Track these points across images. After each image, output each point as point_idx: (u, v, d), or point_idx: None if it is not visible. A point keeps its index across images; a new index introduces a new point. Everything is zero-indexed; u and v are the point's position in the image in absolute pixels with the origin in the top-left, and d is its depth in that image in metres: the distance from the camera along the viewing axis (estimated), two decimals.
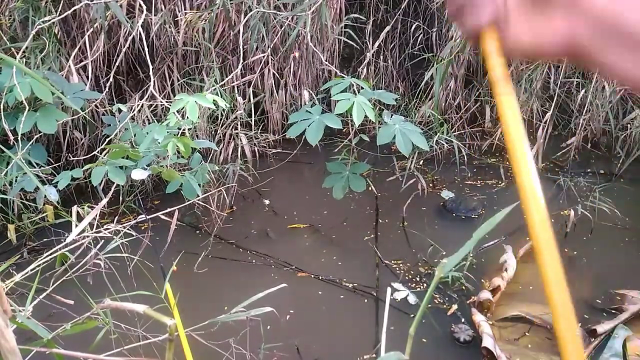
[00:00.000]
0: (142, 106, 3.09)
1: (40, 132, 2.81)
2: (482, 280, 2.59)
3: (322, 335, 2.36)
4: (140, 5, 3.14)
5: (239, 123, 3.55)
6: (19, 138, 2.50)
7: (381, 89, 4.31)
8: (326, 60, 3.77)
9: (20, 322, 0.88)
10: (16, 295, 1.75)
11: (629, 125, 3.78)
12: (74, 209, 1.80)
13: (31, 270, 1.33)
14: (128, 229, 1.82)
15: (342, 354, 2.25)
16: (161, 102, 3.02)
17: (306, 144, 3.97)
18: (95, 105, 3.40)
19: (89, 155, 2.91)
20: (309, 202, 3.51)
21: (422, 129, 3.30)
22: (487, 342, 2.10)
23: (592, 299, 2.49)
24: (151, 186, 3.40)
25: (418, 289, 2.58)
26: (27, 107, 2.68)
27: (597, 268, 2.73)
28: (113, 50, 3.58)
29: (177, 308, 1.63)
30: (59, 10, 3.09)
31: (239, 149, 3.42)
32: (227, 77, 3.47)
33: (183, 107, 2.38)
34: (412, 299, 2.50)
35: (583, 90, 3.80)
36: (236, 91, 3.72)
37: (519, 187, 0.40)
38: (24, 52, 2.98)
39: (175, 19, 3.63)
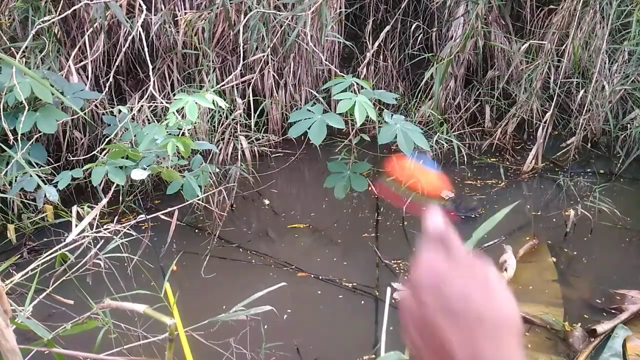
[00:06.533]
0: (142, 106, 3.09)
1: (40, 132, 2.80)
2: None
3: (322, 335, 2.36)
4: (140, 5, 3.14)
5: (238, 124, 3.55)
6: (19, 138, 2.50)
7: (381, 89, 4.31)
8: (326, 60, 3.77)
9: (20, 322, 0.88)
10: (16, 295, 1.75)
11: (628, 125, 3.78)
12: (74, 209, 1.80)
13: (31, 270, 1.33)
14: (128, 229, 1.82)
15: (341, 354, 2.25)
16: (161, 102, 3.02)
17: (306, 144, 3.98)
18: (95, 105, 3.39)
19: (89, 155, 2.91)
20: (309, 201, 3.51)
21: (422, 129, 3.30)
22: None
23: (592, 299, 2.49)
24: (151, 186, 3.40)
25: None
26: (27, 107, 2.68)
27: (597, 268, 2.73)
28: (113, 50, 3.58)
29: (176, 307, 1.63)
30: (59, 10, 3.09)
31: (239, 151, 3.41)
32: (226, 77, 3.47)
33: (183, 107, 2.38)
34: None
35: (583, 90, 3.80)
36: (235, 91, 3.72)
37: None
38: (23, 52, 2.98)
39: (175, 19, 3.63)
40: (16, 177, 2.64)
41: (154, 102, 3.13)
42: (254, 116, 3.77)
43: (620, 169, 3.62)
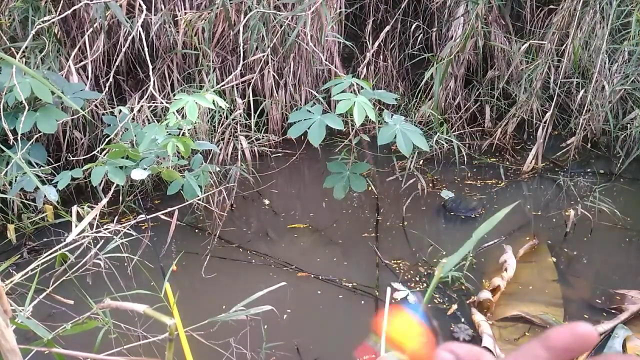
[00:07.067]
0: (142, 106, 3.09)
1: (40, 131, 2.81)
2: (482, 280, 2.59)
3: (322, 335, 2.36)
4: (140, 5, 3.14)
5: (238, 124, 3.55)
6: (19, 138, 2.50)
7: (381, 89, 4.32)
8: (326, 60, 3.77)
9: (20, 322, 0.88)
10: (16, 295, 1.75)
11: (628, 125, 3.78)
12: (74, 209, 1.80)
13: (31, 270, 1.33)
14: (128, 229, 1.82)
15: (341, 354, 2.24)
16: (161, 102, 3.02)
17: (306, 144, 3.98)
18: (95, 105, 3.40)
19: (89, 155, 2.91)
20: (309, 201, 3.51)
21: (422, 129, 3.30)
22: (487, 342, 2.10)
23: (592, 299, 2.49)
24: (151, 186, 3.40)
25: (418, 289, 2.58)
26: (27, 107, 2.68)
27: (597, 268, 2.73)
28: (113, 50, 3.58)
29: (176, 307, 1.63)
30: (59, 10, 3.09)
31: (239, 151, 3.41)
32: (226, 77, 3.47)
33: (183, 107, 2.38)
34: (411, 299, 2.50)
35: (583, 90, 3.80)
36: (235, 91, 3.72)
37: None
38: (23, 51, 2.98)
39: (175, 19, 3.63)
40: (16, 177, 2.64)
41: (154, 102, 3.13)
42: (254, 116, 3.77)
43: (620, 169, 3.62)
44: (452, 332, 2.27)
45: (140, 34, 3.03)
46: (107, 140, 2.79)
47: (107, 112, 3.30)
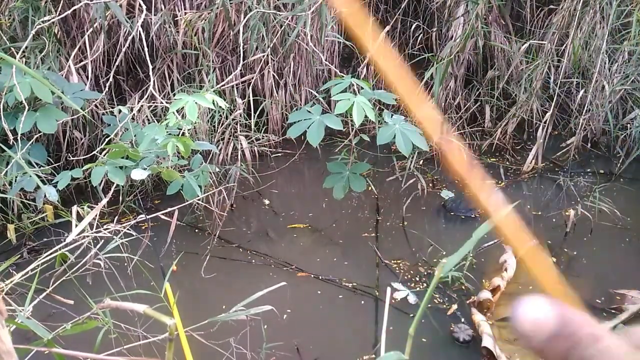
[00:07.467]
0: (142, 106, 3.09)
1: (40, 131, 2.81)
2: (482, 280, 2.58)
3: (322, 335, 2.36)
4: (140, 5, 3.14)
5: (238, 124, 3.55)
6: (19, 138, 2.50)
7: (381, 89, 4.31)
8: (326, 60, 3.77)
9: (20, 322, 0.88)
10: (16, 295, 1.75)
11: (628, 125, 3.78)
12: (74, 209, 1.80)
13: (31, 270, 1.33)
14: (128, 229, 1.82)
15: (341, 354, 2.25)
16: (161, 102, 3.02)
17: (306, 144, 3.98)
18: (95, 105, 3.39)
19: (89, 155, 2.91)
20: (309, 201, 3.50)
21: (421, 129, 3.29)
22: (487, 341, 2.10)
23: (592, 299, 2.49)
24: (151, 186, 3.40)
25: (418, 289, 2.58)
26: (27, 107, 2.68)
27: (597, 268, 2.73)
28: (113, 50, 3.58)
29: (176, 307, 1.63)
30: (59, 10, 3.09)
31: (239, 151, 3.41)
32: (226, 77, 3.47)
33: (183, 107, 2.38)
34: (411, 299, 2.50)
35: (583, 90, 3.80)
36: (235, 91, 3.72)
37: None
38: (23, 51, 2.98)
39: (175, 19, 3.63)
40: (16, 177, 2.64)
41: (154, 102, 3.13)
42: (254, 116, 3.77)
43: (620, 169, 3.62)
44: (452, 332, 2.27)
45: (140, 34, 3.03)
46: (107, 140, 2.78)
47: (107, 112, 3.30)
